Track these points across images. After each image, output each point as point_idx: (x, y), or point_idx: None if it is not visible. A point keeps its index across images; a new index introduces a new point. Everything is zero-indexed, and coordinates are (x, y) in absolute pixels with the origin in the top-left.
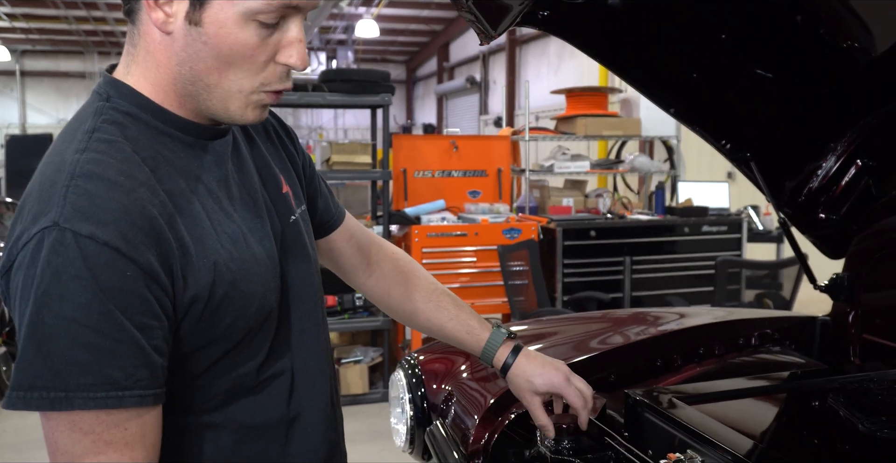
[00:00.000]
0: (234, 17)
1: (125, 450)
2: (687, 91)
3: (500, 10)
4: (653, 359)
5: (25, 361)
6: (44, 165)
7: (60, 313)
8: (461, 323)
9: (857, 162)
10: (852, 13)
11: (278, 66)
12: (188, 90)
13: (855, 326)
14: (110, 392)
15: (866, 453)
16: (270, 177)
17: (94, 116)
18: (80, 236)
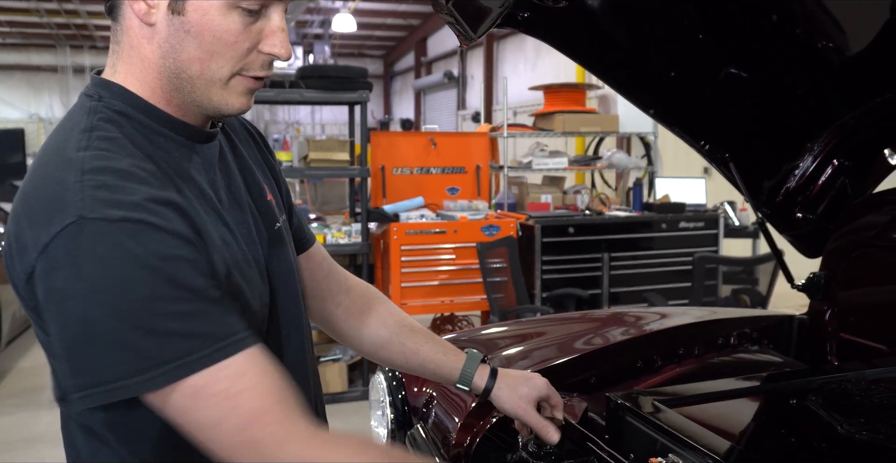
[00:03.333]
0: (217, 4)
1: (256, 392)
2: (665, 92)
3: (480, 12)
4: (633, 360)
5: (105, 356)
6: (41, 166)
7: (131, 296)
8: (438, 345)
9: (834, 162)
10: (827, 14)
11: (261, 56)
12: (174, 84)
13: (832, 325)
14: (215, 346)
15: (846, 456)
16: (255, 184)
17: (88, 115)
18: (112, 222)
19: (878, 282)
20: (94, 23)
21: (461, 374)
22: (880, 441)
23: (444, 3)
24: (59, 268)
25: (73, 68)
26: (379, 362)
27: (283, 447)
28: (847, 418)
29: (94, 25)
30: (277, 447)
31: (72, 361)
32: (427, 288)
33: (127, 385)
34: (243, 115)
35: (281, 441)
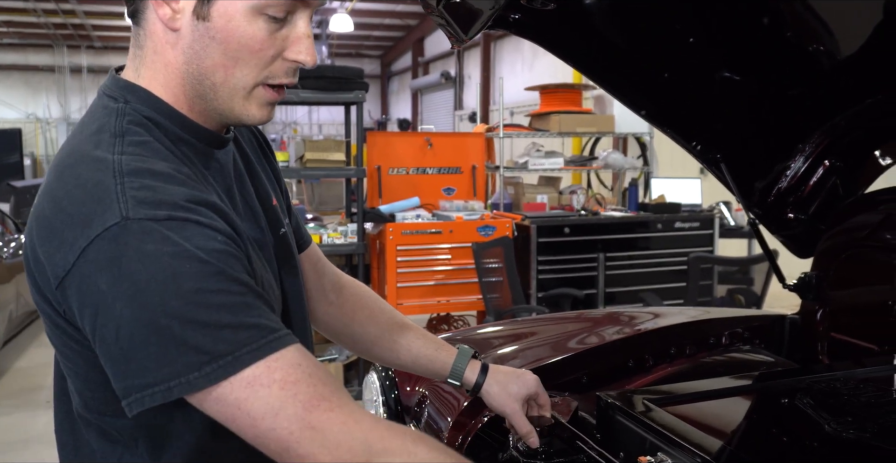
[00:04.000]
0: (242, 10)
1: (312, 381)
2: (657, 93)
3: (471, 14)
4: (625, 359)
5: (161, 355)
6: (70, 168)
7: (182, 291)
8: (430, 341)
9: (825, 162)
10: (817, 17)
11: (286, 63)
12: (197, 91)
13: (823, 325)
14: (269, 337)
15: (833, 454)
16: (262, 189)
17: (117, 117)
18: (158, 220)
19: (868, 282)
20: (92, 23)
21: (452, 369)
22: (867, 439)
23: (434, 5)
24: (102, 270)
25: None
26: (372, 360)
27: (348, 431)
28: (835, 417)
29: (92, 25)
30: (342, 431)
31: (129, 363)
32: (423, 288)
33: (187, 381)
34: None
35: (346, 424)
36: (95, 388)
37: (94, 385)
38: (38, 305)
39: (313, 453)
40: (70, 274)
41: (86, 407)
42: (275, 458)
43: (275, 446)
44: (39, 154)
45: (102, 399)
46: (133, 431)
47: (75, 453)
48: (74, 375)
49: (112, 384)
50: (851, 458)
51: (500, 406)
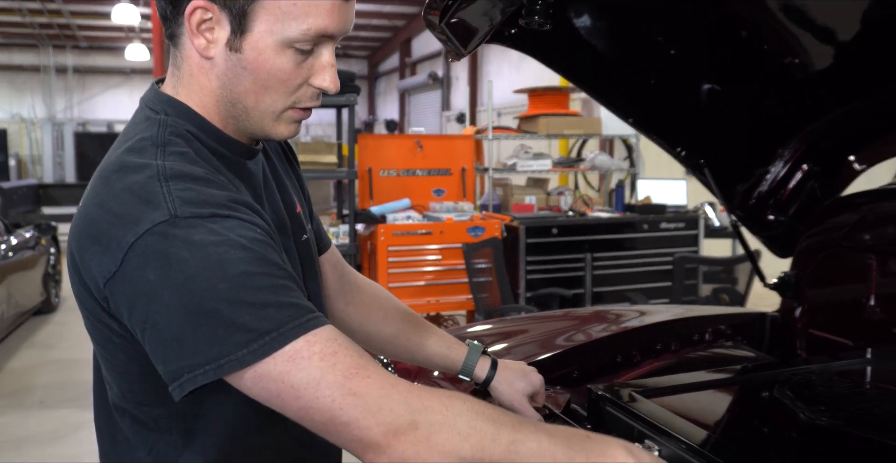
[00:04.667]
0: (272, 44)
1: (348, 352)
2: (643, 103)
3: (470, 31)
4: (613, 355)
5: (211, 336)
6: (116, 174)
7: (229, 274)
8: (442, 339)
9: (804, 167)
10: (791, 33)
11: (311, 88)
12: (230, 112)
13: (801, 322)
14: (307, 315)
15: (807, 440)
16: (287, 197)
17: (159, 129)
18: (203, 217)
19: (843, 281)
20: (77, 23)
21: (463, 365)
22: (839, 426)
23: (437, 23)
24: (150, 261)
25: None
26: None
27: (386, 394)
28: (810, 406)
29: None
30: (382, 394)
31: (180, 347)
32: (414, 288)
33: (236, 358)
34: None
35: (383, 388)
36: (134, 380)
37: (133, 377)
38: (83, 303)
39: (357, 419)
40: (119, 269)
41: (123, 397)
42: (320, 431)
43: (319, 417)
44: (24, 155)
45: (140, 390)
46: (168, 420)
47: (111, 440)
48: (113, 368)
49: (160, 370)
50: (824, 443)
51: (509, 401)
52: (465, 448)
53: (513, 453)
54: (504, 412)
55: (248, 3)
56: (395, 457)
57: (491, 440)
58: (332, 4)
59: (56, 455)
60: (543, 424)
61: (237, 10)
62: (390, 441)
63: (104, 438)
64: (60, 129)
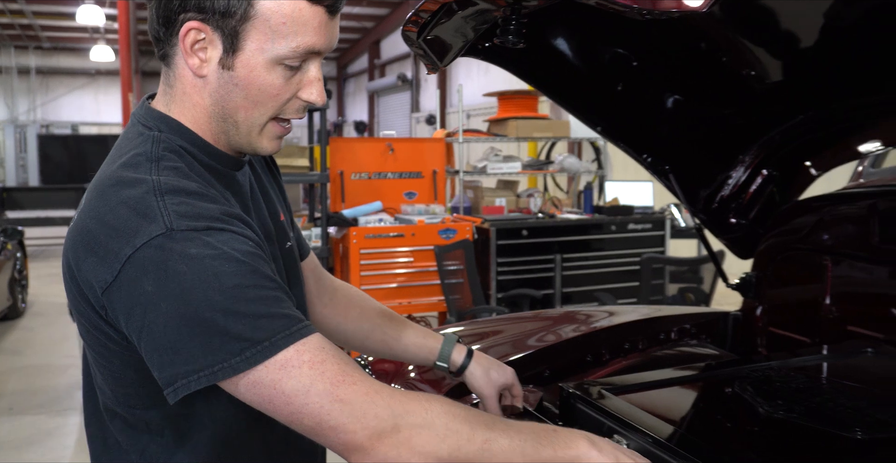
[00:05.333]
0: (262, 62)
1: (336, 361)
2: (610, 112)
3: (445, 46)
4: (583, 355)
5: (206, 344)
6: (112, 188)
7: (223, 286)
8: (418, 330)
9: (763, 172)
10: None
11: (299, 101)
12: (221, 127)
13: (762, 320)
14: (297, 325)
15: (764, 433)
16: (272, 206)
17: (153, 144)
18: (199, 230)
19: (801, 281)
20: (40, 23)
21: (440, 353)
22: (794, 419)
23: (414, 39)
24: (148, 273)
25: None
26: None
27: (371, 400)
28: (768, 401)
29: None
30: (367, 400)
31: (175, 354)
32: (386, 290)
33: (230, 365)
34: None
35: (368, 395)
36: (129, 384)
37: (128, 382)
38: (79, 311)
39: (343, 424)
40: (117, 279)
41: (116, 401)
42: (308, 433)
43: (308, 421)
44: None
45: (134, 394)
46: (161, 422)
47: (103, 444)
48: (108, 373)
49: (156, 375)
50: (780, 435)
51: (480, 388)
52: (443, 449)
53: (486, 451)
54: (478, 413)
55: (240, 24)
56: (379, 458)
57: (466, 440)
58: (320, 22)
59: (29, 461)
60: (514, 421)
61: (229, 31)
62: (374, 444)
63: (96, 443)
64: (23, 132)
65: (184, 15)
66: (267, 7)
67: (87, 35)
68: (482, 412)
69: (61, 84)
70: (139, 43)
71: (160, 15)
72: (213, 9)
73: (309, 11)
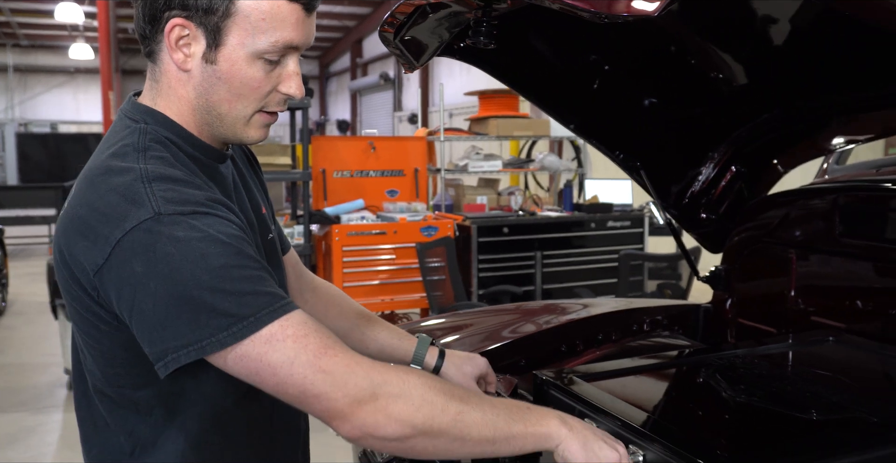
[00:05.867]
0: (244, 56)
1: (318, 335)
2: (582, 111)
3: (422, 47)
4: (558, 345)
5: (195, 320)
6: (101, 176)
7: (210, 267)
8: (393, 332)
9: (732, 169)
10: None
11: (279, 94)
12: (205, 119)
13: (731, 312)
14: (281, 302)
15: (726, 415)
16: (254, 199)
17: (140, 136)
18: (185, 214)
19: (767, 274)
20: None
21: (414, 355)
22: (755, 402)
23: (392, 39)
24: (137, 255)
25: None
26: None
27: (352, 371)
28: (731, 386)
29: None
30: (348, 371)
31: (165, 330)
32: (368, 287)
33: (217, 340)
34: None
35: (350, 366)
36: (119, 364)
37: (118, 362)
38: (71, 294)
39: (326, 392)
40: (107, 262)
41: (105, 382)
42: (293, 402)
43: (293, 391)
44: None
45: (124, 374)
46: (150, 401)
47: (93, 427)
48: (99, 354)
49: (147, 350)
50: (741, 417)
51: (458, 384)
52: (417, 417)
53: (459, 422)
54: (454, 386)
55: (222, 20)
56: (358, 424)
57: (440, 411)
58: (297, 19)
59: (14, 457)
60: (490, 397)
61: (212, 27)
62: (354, 410)
63: (86, 426)
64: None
65: (168, 12)
66: (247, 4)
67: (66, 33)
68: (459, 387)
69: (40, 82)
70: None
71: (146, 13)
72: (196, 6)
73: (287, 8)
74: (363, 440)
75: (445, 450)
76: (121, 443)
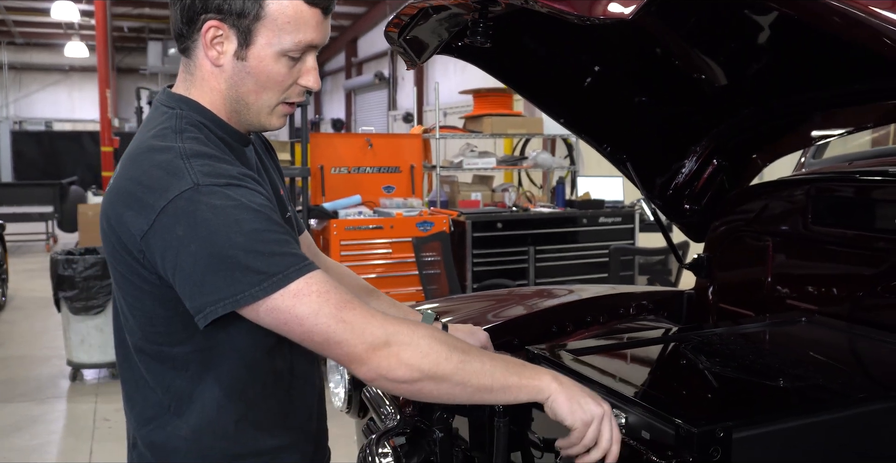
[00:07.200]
0: (271, 54)
1: (337, 291)
2: (572, 106)
3: (423, 45)
4: (549, 326)
5: (231, 277)
6: (143, 154)
7: (244, 230)
8: (399, 309)
9: (714, 162)
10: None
11: (298, 87)
12: (233, 108)
13: (713, 298)
14: (305, 262)
15: (702, 383)
16: (272, 180)
17: (176, 120)
18: (220, 185)
19: (746, 262)
20: (13, 19)
21: None
22: (728, 373)
23: (396, 38)
24: (179, 220)
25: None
26: None
27: (367, 322)
28: (709, 359)
29: (13, 21)
30: (365, 321)
31: (204, 286)
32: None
33: (250, 294)
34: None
35: (365, 318)
36: (159, 323)
37: (158, 321)
38: (118, 260)
39: (346, 339)
40: (152, 227)
41: (146, 341)
42: (317, 348)
43: (318, 338)
44: None
45: (163, 332)
46: (187, 356)
47: (135, 385)
48: (141, 314)
49: (188, 304)
50: (715, 385)
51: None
52: (424, 363)
53: (460, 370)
54: (458, 340)
55: (253, 23)
56: (373, 366)
57: (445, 359)
58: (317, 21)
59: (19, 445)
60: (489, 352)
61: (244, 28)
62: (370, 355)
63: (128, 385)
64: None
65: (205, 15)
66: (274, 9)
67: (62, 31)
68: (462, 340)
69: (35, 80)
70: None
71: (184, 15)
72: (230, 10)
73: (308, 12)
74: (377, 382)
75: (449, 394)
76: (159, 398)
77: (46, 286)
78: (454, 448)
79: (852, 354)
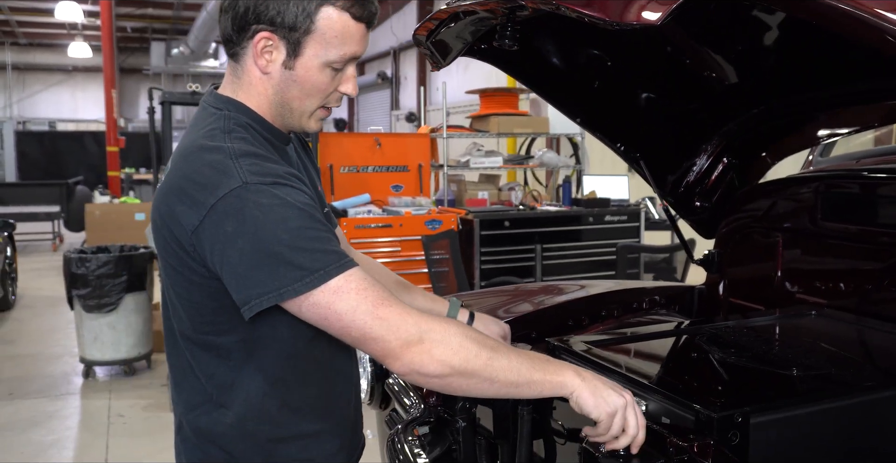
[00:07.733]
0: (317, 65)
1: (375, 289)
2: (589, 106)
3: (449, 47)
4: (566, 320)
5: (275, 272)
6: (194, 154)
7: (289, 228)
8: (428, 297)
9: (724, 160)
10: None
11: (337, 93)
12: (278, 111)
13: (723, 293)
14: (345, 260)
15: (717, 372)
16: (311, 176)
17: (224, 120)
18: (267, 184)
19: (756, 257)
20: (17, 19)
21: (447, 315)
22: (742, 363)
23: (424, 41)
24: (229, 217)
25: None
26: None
27: (403, 319)
28: (721, 349)
29: (17, 22)
30: (400, 319)
31: (249, 280)
32: None
33: (293, 289)
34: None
35: (401, 315)
36: (206, 313)
37: (206, 311)
38: (168, 253)
39: (382, 335)
40: (202, 223)
41: (194, 330)
42: (354, 343)
43: (355, 333)
44: None
45: (210, 322)
46: (231, 346)
47: (181, 372)
48: (189, 304)
49: (234, 297)
50: (730, 373)
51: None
52: (455, 359)
53: (488, 366)
54: (487, 337)
55: (303, 36)
56: (407, 362)
57: (474, 356)
58: (361, 35)
59: (36, 440)
60: (516, 348)
61: (293, 41)
62: (404, 351)
63: (176, 372)
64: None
65: (257, 25)
66: (323, 23)
67: (65, 31)
68: (490, 337)
69: (38, 80)
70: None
71: (235, 23)
72: (282, 23)
73: (354, 27)
74: (410, 376)
75: (477, 389)
76: (202, 385)
77: (54, 285)
78: (477, 437)
79: (862, 346)
